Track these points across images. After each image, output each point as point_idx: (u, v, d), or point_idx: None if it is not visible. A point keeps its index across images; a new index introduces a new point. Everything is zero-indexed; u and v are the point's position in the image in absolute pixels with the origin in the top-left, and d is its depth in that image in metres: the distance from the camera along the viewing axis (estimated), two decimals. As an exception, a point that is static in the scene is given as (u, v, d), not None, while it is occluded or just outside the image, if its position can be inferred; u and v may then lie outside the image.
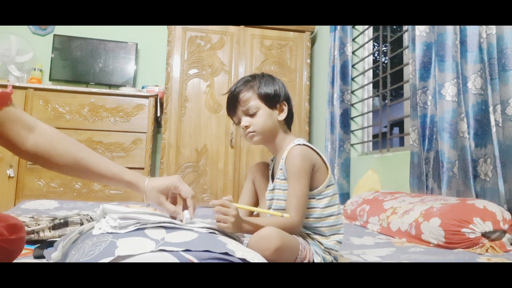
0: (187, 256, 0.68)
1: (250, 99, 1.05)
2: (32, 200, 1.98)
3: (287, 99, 1.09)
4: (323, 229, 1.01)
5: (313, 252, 0.97)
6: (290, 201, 0.96)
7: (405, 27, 2.22)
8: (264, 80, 1.07)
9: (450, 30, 1.64)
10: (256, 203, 1.15)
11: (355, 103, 2.78)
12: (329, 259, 0.99)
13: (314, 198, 1.01)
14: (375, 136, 2.91)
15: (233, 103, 1.07)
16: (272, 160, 1.14)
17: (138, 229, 0.75)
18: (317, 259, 0.97)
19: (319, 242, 1.00)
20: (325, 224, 1.01)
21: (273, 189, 1.06)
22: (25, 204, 1.87)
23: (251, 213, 1.13)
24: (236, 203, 0.96)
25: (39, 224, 1.19)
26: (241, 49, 3.10)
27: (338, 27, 2.74)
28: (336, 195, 1.04)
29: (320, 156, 1.03)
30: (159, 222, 0.78)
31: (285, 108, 1.07)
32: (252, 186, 1.15)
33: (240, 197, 1.18)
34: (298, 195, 0.96)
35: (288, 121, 1.10)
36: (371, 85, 2.78)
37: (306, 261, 0.95)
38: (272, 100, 1.05)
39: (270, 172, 1.12)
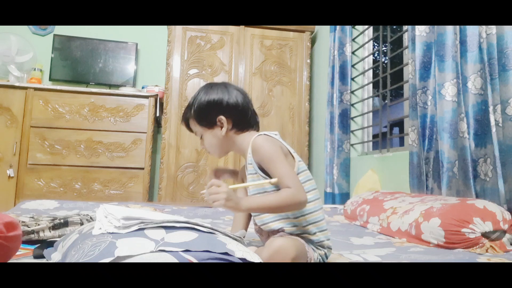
0: (186, 257, 0.68)
1: (193, 125, 1.10)
2: (32, 200, 1.98)
3: (225, 110, 1.04)
4: (308, 227, 0.99)
5: (312, 250, 0.97)
6: (281, 182, 0.93)
7: (405, 27, 2.22)
8: (198, 101, 1.06)
9: (450, 30, 1.64)
10: None
11: (355, 103, 2.78)
12: (322, 253, 0.99)
13: None
14: (375, 136, 2.91)
15: (186, 127, 1.13)
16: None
17: (138, 229, 0.75)
18: (315, 256, 0.97)
19: (309, 239, 1.00)
20: (310, 220, 0.99)
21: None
22: (25, 204, 1.87)
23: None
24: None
25: (39, 224, 1.19)
26: (241, 49, 3.10)
27: (338, 27, 2.74)
28: (315, 189, 1.02)
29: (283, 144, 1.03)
30: (163, 222, 0.78)
31: (224, 122, 1.04)
32: None
33: None
34: (285, 173, 0.93)
35: (240, 123, 1.06)
36: (371, 85, 2.78)
37: (309, 261, 0.95)
38: (208, 122, 1.06)
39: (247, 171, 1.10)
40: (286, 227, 0.99)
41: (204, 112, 1.06)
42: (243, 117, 1.07)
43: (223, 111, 1.05)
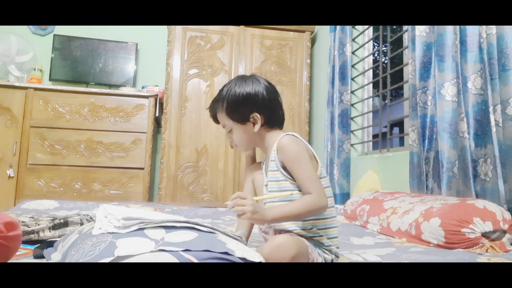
0: (186, 256, 0.68)
1: (222, 119, 1.07)
2: (32, 200, 1.98)
3: (260, 106, 1.02)
4: (318, 232, 1.00)
5: (317, 253, 0.97)
6: (303, 185, 0.94)
7: (405, 27, 2.22)
8: (231, 95, 1.03)
9: (450, 30, 1.64)
10: None
11: (355, 103, 2.78)
12: (329, 258, 0.99)
13: None
14: (375, 136, 2.91)
15: (213, 118, 1.11)
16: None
17: (137, 229, 0.75)
18: (319, 260, 0.96)
19: (319, 242, 1.00)
20: (320, 226, 1.00)
21: (267, 184, 1.05)
22: (25, 204, 1.87)
23: None
24: None
25: (39, 224, 1.19)
26: (241, 49, 3.10)
27: (338, 27, 2.74)
28: (331, 196, 1.02)
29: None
30: (162, 221, 0.78)
31: (258, 119, 1.03)
32: (251, 186, 1.14)
33: None
34: (309, 176, 0.94)
35: (271, 119, 1.05)
36: (371, 85, 2.78)
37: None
38: (240, 117, 1.03)
39: (263, 167, 1.11)
40: (297, 230, 0.99)
41: (237, 107, 1.03)
42: (274, 113, 1.06)
43: (258, 107, 1.02)
